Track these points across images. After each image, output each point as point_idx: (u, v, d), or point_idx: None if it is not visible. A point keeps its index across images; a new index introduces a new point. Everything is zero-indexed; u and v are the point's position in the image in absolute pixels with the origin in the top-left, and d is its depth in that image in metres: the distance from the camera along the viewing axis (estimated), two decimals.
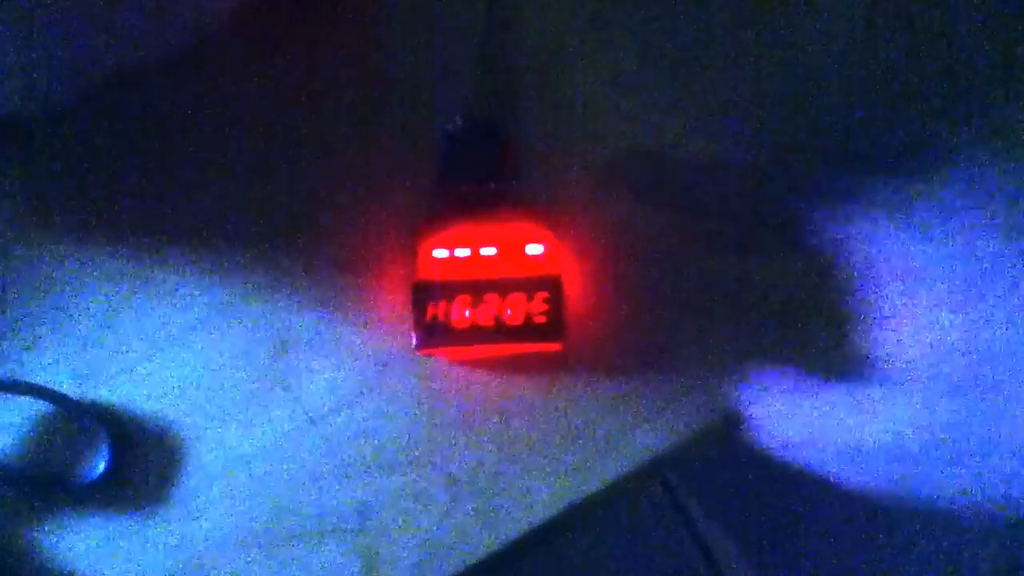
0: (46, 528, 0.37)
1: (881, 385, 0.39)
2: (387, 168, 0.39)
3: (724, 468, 0.47)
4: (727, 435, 0.39)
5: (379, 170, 0.39)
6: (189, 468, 0.37)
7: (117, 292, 0.38)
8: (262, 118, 0.39)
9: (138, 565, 0.36)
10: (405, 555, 0.36)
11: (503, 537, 0.37)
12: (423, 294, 0.35)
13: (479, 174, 0.38)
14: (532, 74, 0.40)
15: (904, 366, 0.39)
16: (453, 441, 0.37)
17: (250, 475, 0.37)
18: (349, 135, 0.39)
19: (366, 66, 0.40)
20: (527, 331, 0.35)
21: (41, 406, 0.37)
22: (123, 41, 0.38)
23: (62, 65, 0.37)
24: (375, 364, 0.38)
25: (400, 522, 0.37)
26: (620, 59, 0.40)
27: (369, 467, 0.37)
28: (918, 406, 0.39)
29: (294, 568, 0.36)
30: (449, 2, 0.40)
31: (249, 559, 0.36)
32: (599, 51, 0.40)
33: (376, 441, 0.37)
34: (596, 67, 0.40)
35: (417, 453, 0.37)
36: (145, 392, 0.38)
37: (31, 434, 0.37)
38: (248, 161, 0.39)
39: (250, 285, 0.38)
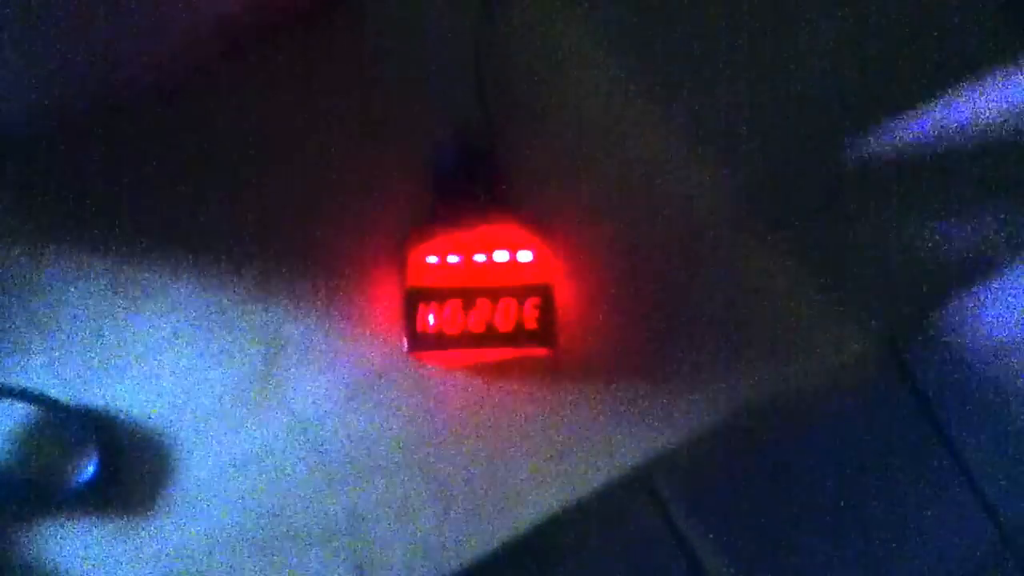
0: (35, 533, 0.36)
1: None
2: (379, 176, 0.39)
3: (714, 475, 0.47)
4: (717, 442, 0.39)
5: (371, 177, 0.39)
6: (179, 473, 0.37)
7: (107, 296, 0.38)
8: (254, 127, 0.40)
9: (127, 570, 0.36)
10: (395, 560, 0.36)
11: (493, 543, 0.37)
12: (415, 300, 0.35)
13: (470, 182, 0.38)
14: (526, 87, 0.40)
15: None
16: (444, 447, 0.37)
17: (240, 480, 0.37)
18: (340, 143, 0.40)
19: (358, 77, 0.40)
20: (518, 337, 0.35)
21: (30, 410, 0.37)
22: (118, 63, 0.38)
23: (61, 85, 0.37)
24: (366, 370, 0.38)
25: (390, 527, 0.37)
26: (615, 77, 0.40)
27: (360, 472, 0.37)
28: None
29: (284, 573, 0.36)
30: (444, 15, 0.40)
31: (239, 564, 0.36)
32: (595, 69, 0.40)
33: (367, 447, 0.37)
34: (591, 84, 0.40)
35: (408, 459, 0.37)
36: (135, 397, 0.37)
37: (20, 439, 0.37)
38: (239, 169, 0.39)
39: (241, 290, 0.38)
